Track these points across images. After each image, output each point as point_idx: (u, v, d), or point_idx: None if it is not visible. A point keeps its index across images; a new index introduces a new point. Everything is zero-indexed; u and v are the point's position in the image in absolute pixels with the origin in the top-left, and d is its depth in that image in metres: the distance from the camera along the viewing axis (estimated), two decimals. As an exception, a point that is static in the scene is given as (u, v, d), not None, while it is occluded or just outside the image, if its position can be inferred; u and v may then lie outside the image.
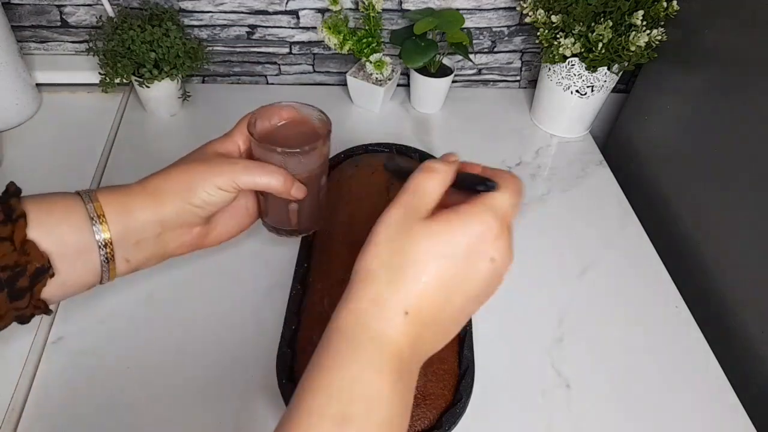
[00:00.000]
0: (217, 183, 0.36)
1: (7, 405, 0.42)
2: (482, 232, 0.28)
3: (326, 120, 0.42)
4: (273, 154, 0.39)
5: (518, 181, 0.31)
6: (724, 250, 0.58)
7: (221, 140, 0.40)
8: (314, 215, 0.46)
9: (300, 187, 0.40)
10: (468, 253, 0.28)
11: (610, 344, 0.52)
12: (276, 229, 0.45)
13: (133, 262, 0.36)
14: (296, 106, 0.43)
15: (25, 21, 0.71)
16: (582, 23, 0.64)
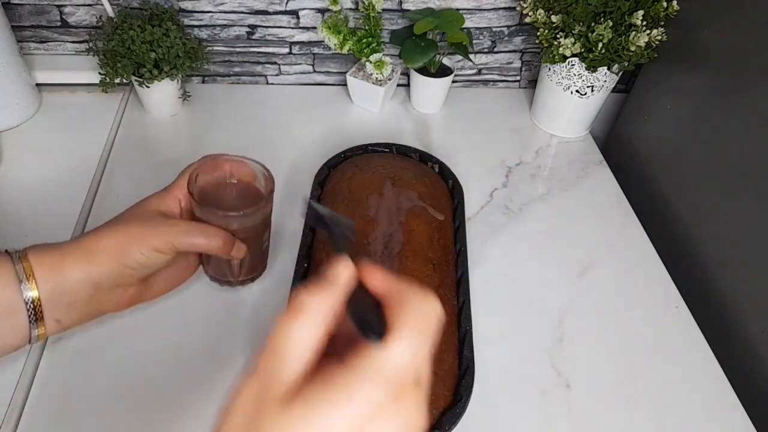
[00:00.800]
0: (153, 245, 0.36)
1: (7, 405, 0.42)
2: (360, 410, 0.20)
3: (269, 177, 0.42)
4: (214, 215, 0.39)
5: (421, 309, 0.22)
6: (724, 250, 0.58)
7: (161, 196, 0.39)
8: (256, 265, 0.46)
9: (240, 247, 0.40)
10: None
11: (610, 344, 0.52)
12: (218, 280, 0.45)
13: (64, 322, 0.35)
14: (239, 160, 0.42)
15: (25, 21, 0.71)
16: (582, 23, 0.64)
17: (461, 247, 0.53)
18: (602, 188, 0.69)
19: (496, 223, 0.62)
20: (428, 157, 0.62)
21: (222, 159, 0.42)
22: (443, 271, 0.50)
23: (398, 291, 0.23)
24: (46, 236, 0.36)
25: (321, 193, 0.58)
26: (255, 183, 0.43)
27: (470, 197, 0.61)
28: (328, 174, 0.60)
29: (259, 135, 0.71)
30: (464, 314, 0.48)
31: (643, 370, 0.50)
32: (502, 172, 0.69)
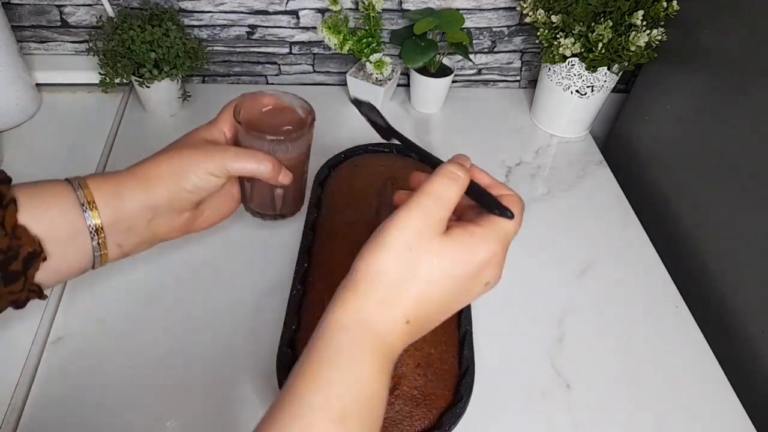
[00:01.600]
0: (208, 169, 0.37)
1: (7, 405, 0.42)
2: (489, 259, 0.30)
3: (309, 108, 0.43)
4: (261, 141, 0.40)
5: (523, 205, 0.32)
6: (724, 250, 0.58)
7: (207, 127, 0.41)
8: (297, 199, 0.47)
9: (287, 173, 0.41)
10: (472, 277, 0.30)
11: (610, 344, 0.52)
12: (261, 214, 0.46)
13: (125, 247, 0.37)
14: (278, 94, 0.44)
15: (25, 21, 0.71)
16: (582, 23, 0.64)
17: (461, 247, 0.53)
18: (602, 188, 0.69)
19: (496, 223, 0.62)
20: (428, 156, 0.62)
21: (262, 93, 0.43)
22: (443, 271, 0.50)
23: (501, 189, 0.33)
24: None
25: (321, 193, 0.58)
26: (295, 113, 0.44)
27: (470, 197, 0.61)
28: (329, 174, 0.60)
29: (259, 135, 0.71)
30: (464, 314, 0.48)
31: (643, 370, 0.50)
32: (502, 172, 0.69)
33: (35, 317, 0.47)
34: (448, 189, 0.30)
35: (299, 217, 0.57)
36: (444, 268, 0.29)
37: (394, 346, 0.29)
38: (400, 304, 0.28)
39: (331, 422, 0.25)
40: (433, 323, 0.31)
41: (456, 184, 0.30)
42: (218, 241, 0.56)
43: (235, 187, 0.44)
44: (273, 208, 0.46)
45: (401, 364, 0.42)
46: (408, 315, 0.28)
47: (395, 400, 0.41)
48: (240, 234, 0.57)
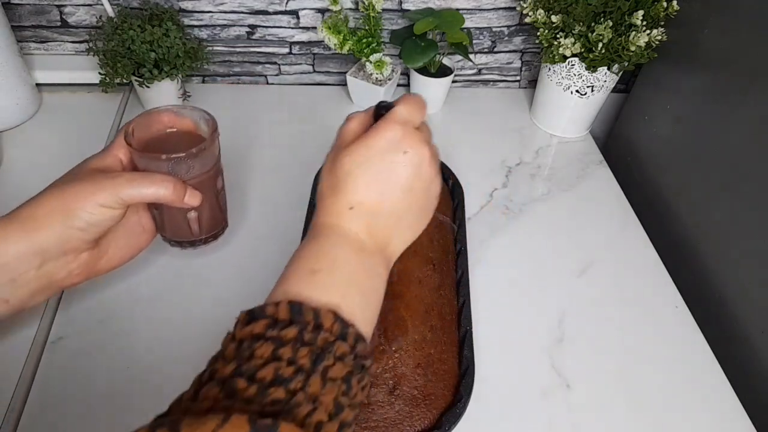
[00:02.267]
0: (98, 200, 0.34)
1: (7, 405, 0.42)
2: (388, 137, 0.33)
3: (211, 119, 0.40)
4: (157, 161, 0.36)
5: (413, 96, 0.36)
6: (724, 250, 0.58)
7: (99, 156, 0.38)
8: (216, 219, 0.43)
9: (194, 194, 0.38)
10: (382, 154, 0.33)
11: (610, 344, 0.52)
12: (178, 242, 0.43)
13: (13, 301, 0.34)
14: (176, 110, 0.41)
15: (25, 21, 0.71)
16: (582, 23, 0.64)
17: (461, 247, 0.53)
18: (602, 188, 0.69)
19: (496, 223, 0.62)
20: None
21: (158, 112, 0.40)
22: (443, 271, 0.50)
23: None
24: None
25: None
26: (197, 131, 0.41)
27: (470, 197, 0.61)
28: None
29: (259, 135, 0.71)
30: (464, 314, 0.48)
31: (643, 370, 0.50)
32: (502, 172, 0.69)
33: (35, 317, 0.47)
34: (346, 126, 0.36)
35: (297, 232, 0.57)
36: (352, 161, 0.33)
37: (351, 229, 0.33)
38: (338, 201, 0.33)
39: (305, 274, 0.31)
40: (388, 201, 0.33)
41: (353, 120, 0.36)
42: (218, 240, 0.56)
43: (144, 217, 0.41)
44: (190, 234, 0.42)
45: (401, 364, 0.42)
46: (349, 203, 0.33)
47: (395, 400, 0.41)
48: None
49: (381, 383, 0.41)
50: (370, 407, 0.40)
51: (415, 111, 0.35)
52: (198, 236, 0.43)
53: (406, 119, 0.34)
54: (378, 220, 0.33)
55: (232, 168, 0.66)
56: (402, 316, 0.44)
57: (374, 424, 0.40)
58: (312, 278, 0.30)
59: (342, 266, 0.31)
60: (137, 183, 0.35)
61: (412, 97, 0.36)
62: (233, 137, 0.71)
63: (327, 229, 0.33)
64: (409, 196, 0.34)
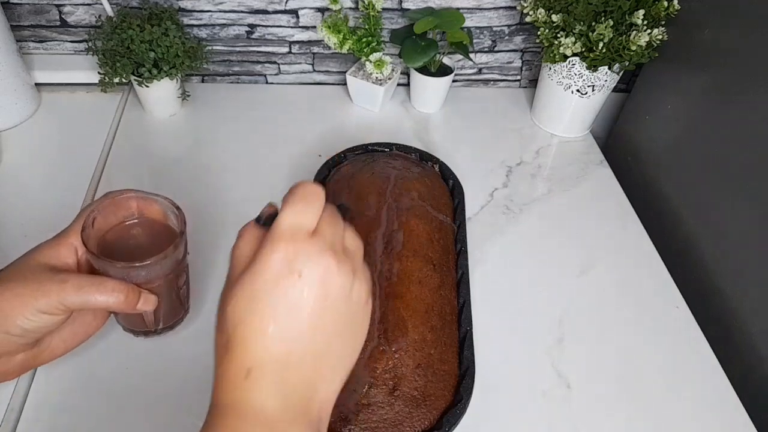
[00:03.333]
0: (38, 306, 0.31)
1: (6, 405, 0.42)
2: (274, 263, 0.27)
3: (180, 215, 0.37)
4: (112, 268, 0.34)
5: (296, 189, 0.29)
6: (725, 250, 0.58)
7: (52, 245, 0.34)
8: (175, 311, 0.41)
9: (149, 299, 0.35)
10: (271, 287, 0.26)
11: (611, 344, 0.52)
12: (132, 331, 0.41)
13: None
14: (145, 197, 0.37)
15: (24, 20, 0.71)
16: (582, 22, 0.64)
17: (461, 247, 0.53)
18: (602, 188, 0.69)
19: (496, 223, 0.62)
20: (428, 156, 0.62)
21: (126, 197, 0.37)
22: (443, 271, 0.50)
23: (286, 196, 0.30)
24: (46, 236, 0.36)
25: (321, 193, 0.58)
26: (166, 221, 0.38)
27: (470, 197, 0.61)
28: (328, 174, 0.60)
29: (259, 135, 0.71)
30: (464, 314, 0.48)
31: (643, 370, 0.50)
32: (502, 172, 0.69)
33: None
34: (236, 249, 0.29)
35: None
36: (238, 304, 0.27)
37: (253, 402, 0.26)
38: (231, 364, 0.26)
39: None
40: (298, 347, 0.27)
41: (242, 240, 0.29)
42: (219, 240, 0.56)
43: None
44: (144, 325, 0.40)
45: (401, 365, 0.42)
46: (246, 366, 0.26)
47: (395, 401, 0.41)
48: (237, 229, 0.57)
49: (381, 384, 0.41)
50: (370, 408, 0.40)
51: (303, 211, 0.28)
52: (152, 328, 0.41)
53: (294, 228, 0.27)
54: (289, 373, 0.26)
55: (231, 172, 0.66)
56: (402, 316, 0.44)
57: (374, 424, 0.40)
58: None
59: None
60: (85, 291, 0.32)
61: (297, 192, 0.28)
62: (232, 137, 0.71)
63: (224, 410, 0.26)
64: (324, 324, 0.27)
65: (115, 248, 0.35)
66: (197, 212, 0.59)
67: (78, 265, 0.35)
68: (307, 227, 0.28)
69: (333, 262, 0.27)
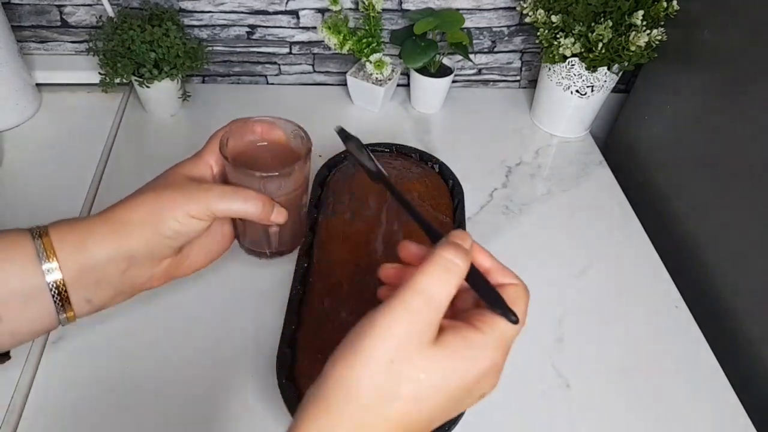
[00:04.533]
0: (189, 211, 0.33)
1: (7, 405, 0.42)
2: (488, 369, 0.26)
3: (305, 137, 0.40)
4: (250, 178, 0.36)
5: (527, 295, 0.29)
6: (724, 250, 0.58)
7: (191, 162, 0.37)
8: (296, 235, 0.43)
9: (281, 212, 0.37)
10: (466, 390, 0.26)
11: (610, 344, 0.52)
12: (256, 252, 0.42)
13: (95, 301, 0.33)
14: (272, 121, 0.40)
15: (25, 21, 0.71)
16: (582, 23, 0.64)
17: (461, 247, 0.53)
18: (602, 188, 0.69)
19: (496, 223, 0.62)
20: (428, 157, 0.62)
21: (253, 121, 0.39)
22: (443, 271, 0.50)
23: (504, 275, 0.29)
24: (46, 236, 0.36)
25: (321, 193, 0.58)
26: (290, 144, 0.40)
27: (470, 197, 0.61)
28: (329, 174, 0.60)
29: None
30: (464, 314, 0.48)
31: (643, 370, 0.50)
32: (502, 172, 0.69)
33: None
34: (443, 285, 0.25)
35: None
36: (433, 384, 0.25)
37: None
38: (377, 425, 0.24)
39: None
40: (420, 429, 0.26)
41: (453, 277, 0.25)
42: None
43: (226, 226, 0.40)
44: (268, 246, 0.42)
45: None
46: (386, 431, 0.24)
47: (395, 400, 0.41)
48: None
49: (381, 383, 0.41)
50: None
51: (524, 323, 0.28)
52: (277, 249, 0.42)
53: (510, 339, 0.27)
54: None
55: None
56: (402, 316, 0.44)
57: (374, 424, 0.40)
58: None
59: None
60: (228, 198, 0.35)
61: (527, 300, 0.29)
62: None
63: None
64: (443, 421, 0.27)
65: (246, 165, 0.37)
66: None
67: (213, 180, 0.37)
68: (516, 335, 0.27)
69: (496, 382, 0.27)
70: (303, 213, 0.43)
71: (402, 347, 0.24)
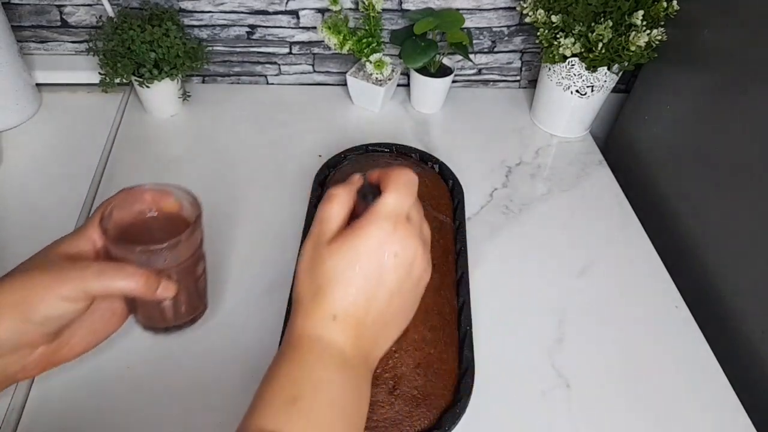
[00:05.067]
0: (61, 294, 0.31)
1: (7, 405, 0.42)
2: (376, 238, 0.31)
3: (196, 203, 0.38)
4: (131, 253, 0.34)
5: (400, 175, 0.33)
6: (724, 250, 0.58)
7: (72, 238, 0.35)
8: (193, 306, 0.41)
9: (168, 286, 0.35)
10: (370, 258, 0.31)
11: (610, 344, 0.52)
12: (151, 327, 0.40)
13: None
14: (162, 188, 0.38)
15: (25, 21, 0.71)
16: (582, 23, 0.64)
17: (461, 247, 0.53)
18: (602, 188, 0.69)
19: (496, 223, 0.62)
20: (428, 157, 0.62)
21: (141, 189, 0.37)
22: (443, 271, 0.50)
23: (385, 172, 0.33)
24: (46, 236, 0.36)
25: (321, 193, 0.58)
26: (182, 212, 0.38)
27: (470, 197, 0.61)
28: (328, 174, 0.60)
29: (259, 135, 0.71)
30: (464, 314, 0.48)
31: (643, 370, 0.50)
32: (502, 172, 0.69)
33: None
34: (328, 210, 0.33)
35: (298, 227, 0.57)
36: (336, 265, 0.31)
37: (336, 342, 0.30)
38: (319, 309, 0.31)
39: (282, 403, 0.28)
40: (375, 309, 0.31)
41: (335, 202, 0.33)
42: (219, 240, 0.56)
43: (116, 302, 0.37)
44: (164, 320, 0.40)
45: (401, 364, 0.42)
46: (332, 312, 0.31)
47: (395, 400, 0.41)
48: (238, 229, 0.57)
49: (381, 383, 0.41)
50: (370, 407, 0.40)
51: (405, 197, 0.32)
52: (172, 323, 0.40)
53: (397, 210, 0.31)
54: (364, 329, 0.31)
55: (231, 172, 0.66)
56: (402, 316, 0.44)
57: (374, 424, 0.40)
58: (292, 408, 0.28)
59: (325, 390, 0.29)
60: (106, 276, 0.32)
61: (400, 178, 0.33)
62: (233, 137, 0.71)
63: (307, 342, 0.30)
64: (398, 299, 0.32)
65: (133, 240, 0.35)
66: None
67: (97, 256, 0.35)
68: (405, 211, 0.32)
69: (420, 251, 0.32)
70: (201, 282, 0.41)
71: (310, 257, 0.32)
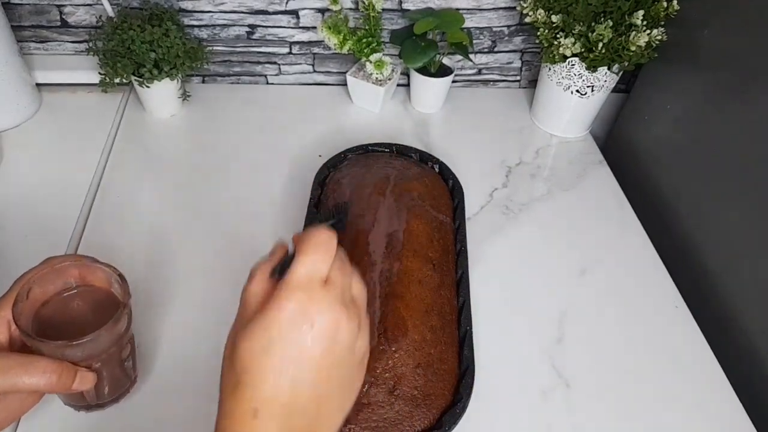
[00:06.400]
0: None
1: (7, 405, 0.42)
2: (288, 311, 0.28)
3: (124, 285, 0.35)
4: (46, 347, 0.31)
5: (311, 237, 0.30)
6: (724, 250, 0.58)
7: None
8: (118, 384, 0.39)
9: (86, 378, 0.33)
10: (284, 335, 0.28)
11: (610, 344, 0.52)
12: (73, 405, 0.38)
13: None
14: (88, 265, 0.35)
15: (25, 21, 0.71)
16: (582, 23, 0.64)
17: (461, 247, 0.53)
18: (602, 188, 0.69)
19: (496, 223, 0.62)
20: (428, 157, 0.62)
21: (66, 264, 0.34)
22: (443, 271, 0.50)
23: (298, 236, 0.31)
24: (46, 236, 0.36)
25: (321, 193, 0.58)
26: (110, 288, 0.36)
27: (470, 197, 0.61)
28: (328, 174, 0.60)
29: (259, 135, 0.71)
30: (464, 314, 0.48)
31: (643, 370, 0.50)
32: (502, 172, 0.69)
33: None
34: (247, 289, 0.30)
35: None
36: (250, 348, 0.28)
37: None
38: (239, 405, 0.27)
39: None
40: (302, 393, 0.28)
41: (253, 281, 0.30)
42: (219, 239, 0.56)
43: None
44: (85, 400, 0.37)
45: (401, 364, 0.42)
46: (252, 406, 0.27)
47: (395, 400, 0.41)
48: (239, 229, 0.57)
49: (381, 383, 0.41)
50: (370, 407, 0.40)
51: (318, 259, 0.29)
52: (94, 402, 0.38)
53: (309, 277, 0.28)
54: (296, 416, 0.28)
55: (231, 172, 0.66)
56: (402, 316, 0.44)
57: (374, 424, 0.40)
58: None
59: None
60: (13, 373, 0.30)
61: (311, 240, 0.29)
62: (233, 137, 0.71)
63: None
64: (333, 371, 0.29)
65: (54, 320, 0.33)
66: (188, 218, 0.60)
67: (11, 340, 0.33)
68: (321, 276, 0.29)
69: (343, 316, 0.29)
70: (127, 365, 0.39)
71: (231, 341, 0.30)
